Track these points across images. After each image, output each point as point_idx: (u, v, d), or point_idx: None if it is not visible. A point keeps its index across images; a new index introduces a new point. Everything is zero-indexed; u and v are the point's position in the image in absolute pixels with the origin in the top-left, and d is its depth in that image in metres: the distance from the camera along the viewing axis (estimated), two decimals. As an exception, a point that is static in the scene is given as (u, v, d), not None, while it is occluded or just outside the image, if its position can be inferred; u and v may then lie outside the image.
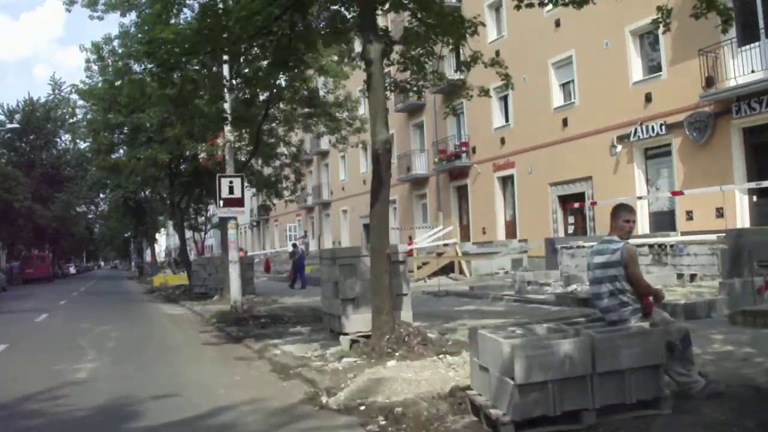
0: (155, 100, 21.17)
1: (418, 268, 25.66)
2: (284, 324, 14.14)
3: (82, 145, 52.59)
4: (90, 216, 79.39)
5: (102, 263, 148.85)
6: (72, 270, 79.96)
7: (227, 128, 17.43)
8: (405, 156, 34.41)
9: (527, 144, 26.45)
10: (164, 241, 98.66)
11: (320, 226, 45.87)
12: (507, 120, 28.14)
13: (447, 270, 26.11)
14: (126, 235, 77.38)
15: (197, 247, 72.80)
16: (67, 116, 54.16)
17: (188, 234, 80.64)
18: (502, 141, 28.03)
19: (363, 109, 27.22)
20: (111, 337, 12.98)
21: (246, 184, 23.17)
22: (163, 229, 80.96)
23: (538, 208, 26.00)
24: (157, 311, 20.31)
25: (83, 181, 49.81)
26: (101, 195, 53.70)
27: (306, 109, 19.70)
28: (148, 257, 79.68)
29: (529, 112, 26.31)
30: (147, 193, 52.91)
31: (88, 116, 23.04)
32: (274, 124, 21.57)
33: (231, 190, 17.24)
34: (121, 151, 27.77)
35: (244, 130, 18.17)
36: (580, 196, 24.45)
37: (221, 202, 17.17)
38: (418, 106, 33.60)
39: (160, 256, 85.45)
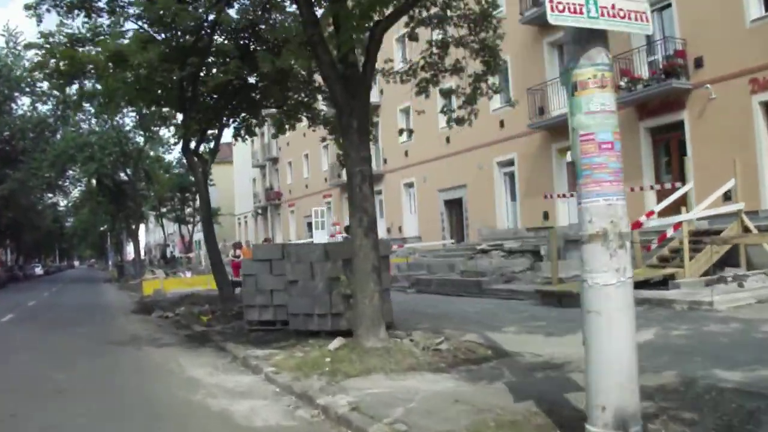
0: None
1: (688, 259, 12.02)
2: None
3: (44, 108, 38.12)
4: (60, 207, 64.00)
5: (77, 262, 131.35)
6: (39, 271, 63.88)
7: None
8: (537, 90, 20.70)
9: None
10: (143, 237, 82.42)
11: (365, 208, 31.86)
12: (787, -2, 14.68)
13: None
14: (102, 228, 62.34)
15: (183, 243, 57.81)
16: (24, 73, 39.09)
17: (171, 228, 65.64)
18: (778, 36, 14.56)
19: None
20: None
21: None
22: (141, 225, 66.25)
23: None
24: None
25: (43, 154, 34.79)
26: (69, 172, 38.69)
27: None
28: (128, 255, 64.25)
29: None
30: (128, 171, 38.23)
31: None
32: None
33: None
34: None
35: None
36: None
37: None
38: (561, 11, 20.00)
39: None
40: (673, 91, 16.63)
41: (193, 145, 14.49)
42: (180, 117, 15.10)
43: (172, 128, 36.14)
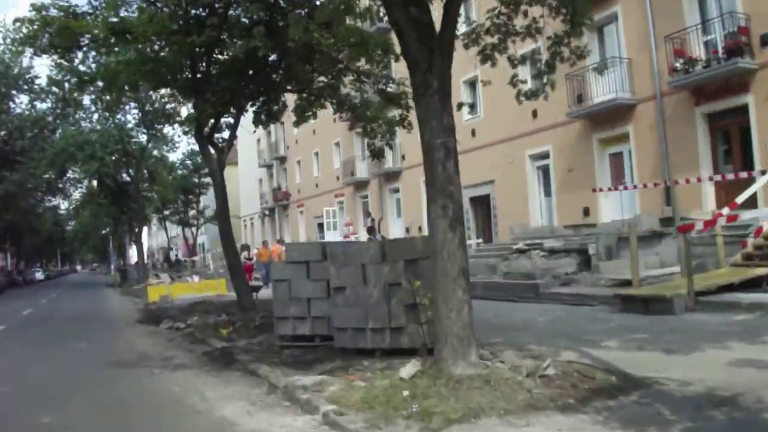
0: None
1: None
2: None
3: (43, 106, 36.29)
4: (61, 211, 62.17)
5: (79, 267, 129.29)
6: (39, 275, 61.71)
7: None
8: (576, 76, 18.80)
9: None
10: (146, 240, 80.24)
11: (382, 207, 29.99)
12: None
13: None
14: (104, 231, 60.54)
15: (187, 246, 55.90)
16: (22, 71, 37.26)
17: (174, 231, 63.67)
18: None
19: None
20: None
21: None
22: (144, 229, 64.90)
23: None
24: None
25: (42, 153, 32.91)
26: (69, 173, 36.85)
27: None
28: (131, 258, 62.35)
29: None
30: (130, 171, 36.32)
31: None
32: None
33: None
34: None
35: None
36: None
37: None
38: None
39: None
40: (737, 72, 14.80)
41: (207, 134, 12.63)
42: (185, 112, 13.31)
43: (176, 126, 34.27)
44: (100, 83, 13.49)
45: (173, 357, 8.94)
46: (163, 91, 34.43)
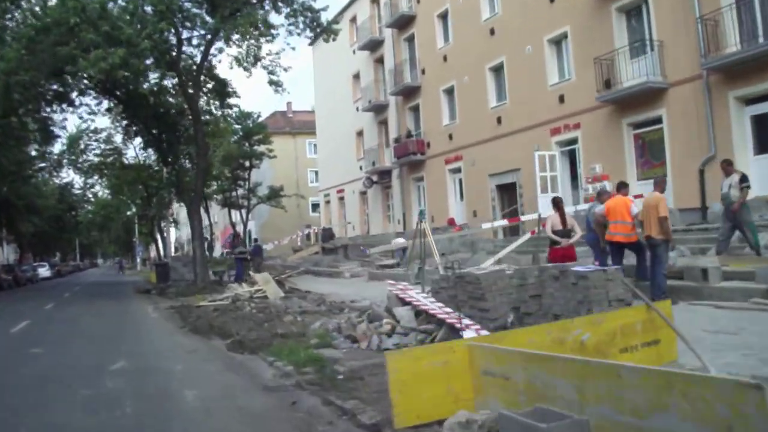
0: None
1: None
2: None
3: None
4: (76, 190, 46.67)
5: (101, 260, 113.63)
6: (45, 272, 44.96)
7: None
8: None
9: None
10: (173, 231, 63.37)
11: (713, 141, 13.58)
12: None
13: None
14: (129, 212, 44.79)
15: (235, 232, 39.83)
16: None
17: (216, 218, 47.79)
18: None
19: None
20: None
21: None
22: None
23: None
24: None
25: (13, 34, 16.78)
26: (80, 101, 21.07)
27: None
28: (169, 246, 46.37)
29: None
30: (183, 79, 19.37)
31: None
32: None
33: None
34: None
35: None
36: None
37: None
38: None
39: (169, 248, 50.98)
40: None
41: None
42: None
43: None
44: None
45: None
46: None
